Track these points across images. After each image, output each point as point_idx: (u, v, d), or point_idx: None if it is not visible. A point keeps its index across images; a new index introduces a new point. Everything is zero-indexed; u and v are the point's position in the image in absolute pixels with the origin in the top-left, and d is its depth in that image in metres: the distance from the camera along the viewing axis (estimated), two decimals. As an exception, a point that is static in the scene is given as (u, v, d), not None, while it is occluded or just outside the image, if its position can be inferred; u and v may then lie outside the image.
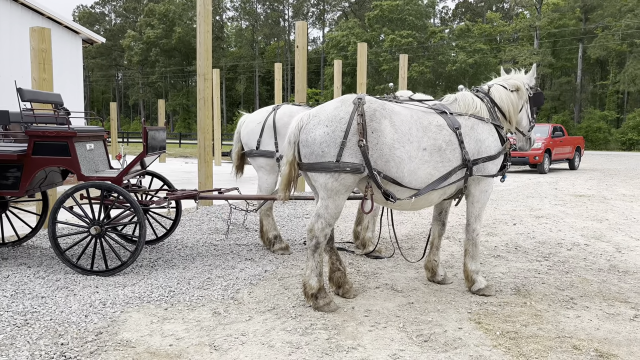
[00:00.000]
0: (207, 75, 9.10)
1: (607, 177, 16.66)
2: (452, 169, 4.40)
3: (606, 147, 39.60)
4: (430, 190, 4.34)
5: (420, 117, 4.41)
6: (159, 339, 3.64)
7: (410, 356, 3.41)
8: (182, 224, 7.80)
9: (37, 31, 7.09)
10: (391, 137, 4.15)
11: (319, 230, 4.16)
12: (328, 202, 4.16)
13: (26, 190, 5.35)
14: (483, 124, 4.63)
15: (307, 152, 4.16)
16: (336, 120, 4.10)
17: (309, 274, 4.23)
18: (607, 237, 7.37)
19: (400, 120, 4.25)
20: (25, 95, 5.35)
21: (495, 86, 4.96)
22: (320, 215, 4.17)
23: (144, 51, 62.68)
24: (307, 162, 4.17)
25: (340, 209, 4.25)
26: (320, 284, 4.25)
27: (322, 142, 4.08)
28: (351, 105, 4.16)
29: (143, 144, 5.52)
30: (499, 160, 4.69)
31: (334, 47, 55.34)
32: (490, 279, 5.20)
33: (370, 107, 4.16)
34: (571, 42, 47.10)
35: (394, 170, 4.19)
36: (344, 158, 4.05)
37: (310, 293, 4.23)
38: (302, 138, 4.18)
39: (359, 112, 4.09)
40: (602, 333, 3.87)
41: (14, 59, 11.89)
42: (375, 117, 4.14)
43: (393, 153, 4.16)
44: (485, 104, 4.76)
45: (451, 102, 4.80)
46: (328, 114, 4.17)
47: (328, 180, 4.09)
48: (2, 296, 4.43)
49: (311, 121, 4.18)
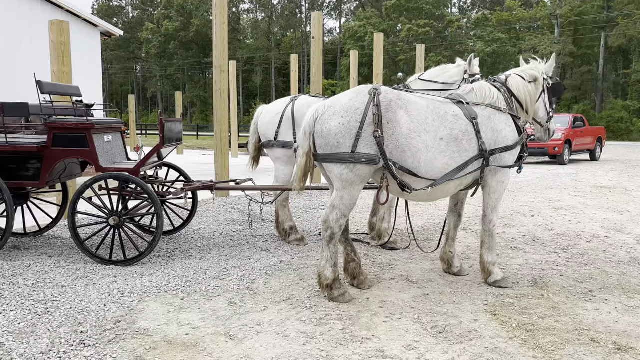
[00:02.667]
0: (223, 67, 9.12)
1: (629, 168, 16.35)
2: (468, 159, 4.36)
3: (628, 138, 38.82)
4: (446, 180, 4.30)
5: (436, 107, 4.37)
6: (175, 328, 3.69)
7: (425, 347, 3.41)
8: (198, 214, 7.87)
9: (56, 24, 7.17)
10: (407, 127, 4.13)
11: (334, 221, 4.16)
12: (343, 193, 4.15)
13: (46, 181, 5.45)
14: (500, 114, 4.58)
15: (322, 143, 4.15)
16: (351, 111, 4.09)
17: (324, 265, 4.24)
18: (628, 229, 7.25)
19: (416, 110, 4.22)
20: (44, 88, 5.42)
21: (512, 76, 4.90)
22: (335, 206, 4.17)
23: (162, 44, 63.07)
24: (322, 153, 4.16)
25: (356, 200, 4.23)
26: (335, 274, 4.25)
27: (337, 133, 4.07)
28: (366, 96, 4.14)
29: (160, 136, 5.57)
30: (516, 151, 4.63)
31: (351, 37, 55.00)
32: (507, 270, 5.16)
33: (386, 98, 4.14)
34: (592, 30, 46.11)
35: (410, 160, 4.16)
36: (359, 149, 4.04)
37: (325, 284, 4.24)
38: (317, 129, 4.18)
39: (375, 102, 4.06)
40: (621, 326, 3.81)
41: (34, 52, 12.05)
42: (391, 107, 4.11)
43: (409, 143, 4.13)
44: (502, 94, 4.70)
45: (468, 92, 4.75)
46: (343, 104, 4.15)
47: (343, 171, 4.08)
48: (23, 285, 4.53)
49: (326, 112, 4.17)
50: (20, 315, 3.85)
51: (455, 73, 5.87)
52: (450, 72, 5.91)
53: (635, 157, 21.25)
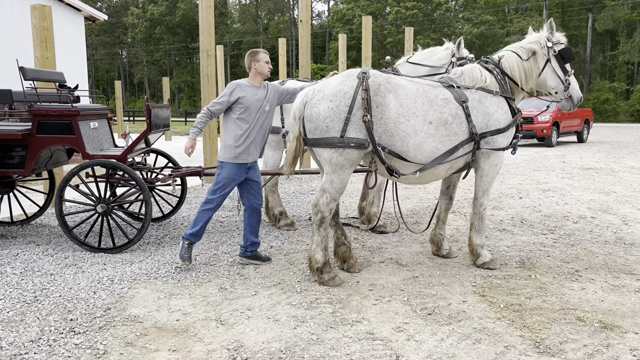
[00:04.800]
0: (210, 52, 9.02)
1: (615, 149, 16.51)
2: (458, 143, 4.36)
3: (615, 119, 39.14)
4: (436, 164, 4.31)
5: (426, 91, 4.36)
6: (166, 314, 3.70)
7: (414, 329, 3.44)
8: (188, 201, 7.84)
9: (37, 9, 7.03)
10: (396, 112, 4.12)
11: (324, 205, 4.18)
12: (333, 177, 4.16)
13: (32, 169, 5.38)
14: (491, 97, 4.55)
15: (311, 127, 4.15)
16: (340, 95, 4.08)
17: (315, 249, 4.26)
18: (614, 209, 7.34)
19: (405, 94, 4.22)
20: (27, 74, 5.33)
21: (507, 54, 4.78)
22: (325, 189, 4.18)
23: (148, 29, 62.16)
24: (312, 137, 4.16)
25: (345, 184, 4.24)
26: (326, 258, 4.27)
27: (326, 117, 4.07)
28: (355, 80, 4.12)
29: (147, 122, 5.52)
30: (509, 133, 4.60)
31: (339, 20, 54.56)
32: (495, 252, 5.21)
33: (375, 82, 4.13)
34: (580, 12, 46.12)
35: (399, 144, 4.16)
36: (349, 133, 4.04)
37: (316, 267, 4.26)
38: (306, 113, 4.17)
39: (364, 86, 4.05)
40: (607, 305, 3.88)
41: (16, 38, 11.83)
42: (380, 91, 4.10)
43: (398, 127, 4.13)
44: (495, 76, 4.67)
45: (458, 75, 4.73)
46: (332, 88, 4.14)
47: (332, 155, 4.08)
48: (11, 274, 4.50)
49: (315, 96, 4.16)
50: (9, 304, 3.83)
51: (444, 56, 5.85)
52: (438, 54, 5.89)
53: (622, 138, 21.46)
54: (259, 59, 4.68)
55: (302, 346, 3.20)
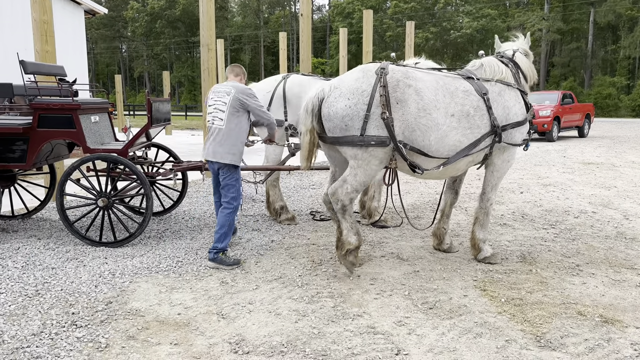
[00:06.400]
0: (210, 46, 8.99)
1: (616, 144, 16.49)
2: (480, 136, 4.32)
3: (616, 114, 39.07)
4: (459, 158, 4.26)
5: (446, 83, 4.29)
6: (167, 308, 3.70)
7: (416, 323, 3.45)
8: (188, 195, 7.84)
9: (38, 2, 7.00)
10: (416, 106, 4.04)
11: (343, 194, 4.10)
12: (358, 171, 4.08)
13: (33, 163, 5.38)
14: (510, 90, 4.55)
15: (330, 126, 4.08)
16: (358, 93, 3.99)
17: (347, 234, 4.21)
18: (615, 204, 7.33)
19: (425, 87, 4.13)
20: (28, 68, 5.32)
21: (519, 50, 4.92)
22: (346, 181, 4.11)
23: (148, 23, 61.97)
24: (332, 136, 4.09)
25: (371, 178, 4.17)
26: (359, 242, 4.24)
27: (344, 116, 3.99)
28: (373, 76, 4.03)
29: (147, 116, 5.51)
30: (524, 129, 4.62)
31: (339, 14, 54.39)
32: (496, 247, 5.21)
33: (393, 77, 4.03)
34: (581, 6, 45.95)
35: (420, 139, 4.08)
36: (369, 131, 3.96)
37: (347, 249, 4.21)
38: (324, 112, 4.09)
39: (382, 83, 3.96)
40: (608, 299, 3.88)
41: (17, 31, 11.79)
42: (399, 87, 4.01)
43: (419, 122, 4.05)
44: (510, 69, 4.68)
45: (477, 67, 4.71)
46: (349, 86, 4.05)
47: (357, 152, 4.02)
48: (13, 267, 4.50)
49: (332, 94, 4.06)
50: (10, 297, 3.83)
51: None
52: None
53: (623, 133, 21.43)
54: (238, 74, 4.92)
55: (304, 340, 3.20)
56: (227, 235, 4.63)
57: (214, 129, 4.62)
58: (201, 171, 5.80)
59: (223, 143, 4.57)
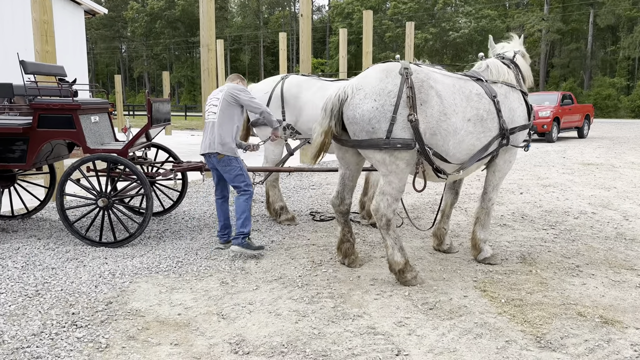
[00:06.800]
0: (210, 46, 9.00)
1: (616, 145, 16.50)
2: (491, 139, 4.30)
3: (616, 115, 39.08)
4: (474, 162, 4.24)
5: (461, 86, 4.23)
6: (167, 308, 3.70)
7: (416, 323, 3.45)
8: (188, 195, 7.84)
9: (38, 2, 7.00)
10: (438, 109, 3.97)
11: (385, 208, 3.97)
12: (391, 178, 3.97)
13: (33, 163, 5.38)
14: (513, 92, 4.55)
15: (356, 129, 3.94)
16: (384, 94, 3.87)
17: (391, 252, 4.08)
18: (615, 205, 7.34)
19: (444, 90, 4.07)
20: (28, 68, 5.32)
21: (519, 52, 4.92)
22: (384, 192, 3.97)
23: (148, 23, 61.96)
24: (356, 140, 3.97)
25: (405, 182, 4.04)
26: (405, 258, 4.10)
27: (371, 118, 3.86)
28: (397, 77, 3.92)
29: (147, 116, 5.51)
30: (526, 130, 4.63)
31: (339, 15, 54.39)
32: (496, 247, 5.21)
33: (418, 78, 3.95)
34: (580, 7, 45.97)
35: (441, 143, 4.01)
36: (395, 134, 3.84)
37: (398, 269, 4.10)
38: (348, 114, 3.95)
39: (408, 84, 3.86)
40: (608, 300, 3.89)
41: (17, 31, 11.79)
42: (424, 87, 3.93)
43: (440, 125, 3.98)
44: (512, 70, 4.68)
45: (483, 69, 4.68)
46: (374, 86, 3.92)
47: (385, 157, 3.90)
48: (13, 267, 4.50)
49: (356, 95, 3.93)
50: (10, 297, 3.83)
51: None
52: None
53: (623, 134, 21.44)
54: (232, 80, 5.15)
55: (304, 340, 3.21)
56: (248, 219, 4.87)
57: (208, 123, 4.90)
58: (201, 172, 5.81)
59: (215, 133, 4.81)
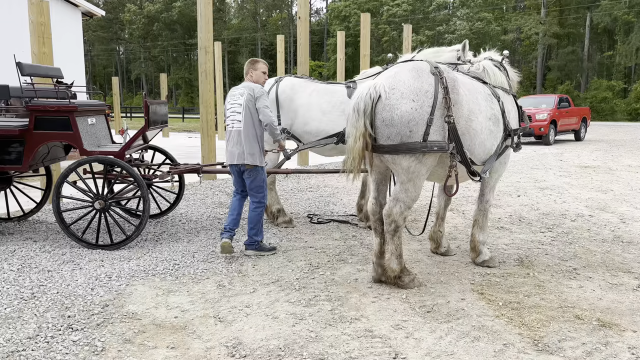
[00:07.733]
0: (208, 48, 8.99)
1: (612, 148, 16.54)
2: (501, 140, 4.34)
3: (612, 118, 39.22)
4: (492, 162, 4.27)
5: (477, 86, 4.25)
6: (164, 311, 3.69)
7: (413, 327, 3.44)
8: (185, 198, 7.82)
9: (35, 4, 6.99)
10: (467, 109, 3.92)
11: (397, 215, 3.88)
12: (408, 186, 3.84)
13: (29, 165, 5.36)
14: (507, 95, 4.59)
15: (391, 133, 3.70)
16: (422, 94, 3.69)
17: (389, 257, 4.02)
18: (612, 207, 7.35)
19: (468, 90, 4.04)
20: (24, 70, 5.30)
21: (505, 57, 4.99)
22: (398, 199, 3.87)
23: (146, 25, 61.93)
24: (390, 144, 3.71)
25: (420, 191, 3.94)
26: (401, 265, 4.05)
27: (410, 120, 3.65)
28: (430, 76, 3.80)
29: (144, 118, 5.50)
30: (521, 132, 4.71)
31: (336, 17, 54.47)
32: (494, 250, 5.21)
33: (450, 78, 3.87)
34: (577, 10, 46.14)
35: (468, 143, 3.96)
36: (431, 136, 3.69)
37: (393, 276, 4.05)
38: (384, 116, 3.70)
39: (443, 83, 3.76)
40: (605, 303, 3.88)
41: (14, 33, 11.76)
42: (455, 87, 3.86)
43: (469, 125, 3.93)
44: (503, 74, 4.72)
45: (480, 71, 4.68)
46: (410, 86, 3.72)
47: (412, 163, 3.74)
48: (9, 270, 4.48)
49: (392, 95, 3.69)
50: (6, 300, 3.81)
51: (449, 57, 5.79)
52: (444, 55, 5.83)
53: (619, 137, 21.51)
54: (257, 68, 4.96)
55: (301, 344, 3.19)
56: (261, 230, 5.02)
57: (234, 131, 4.81)
58: (198, 174, 5.80)
59: (242, 143, 4.75)
